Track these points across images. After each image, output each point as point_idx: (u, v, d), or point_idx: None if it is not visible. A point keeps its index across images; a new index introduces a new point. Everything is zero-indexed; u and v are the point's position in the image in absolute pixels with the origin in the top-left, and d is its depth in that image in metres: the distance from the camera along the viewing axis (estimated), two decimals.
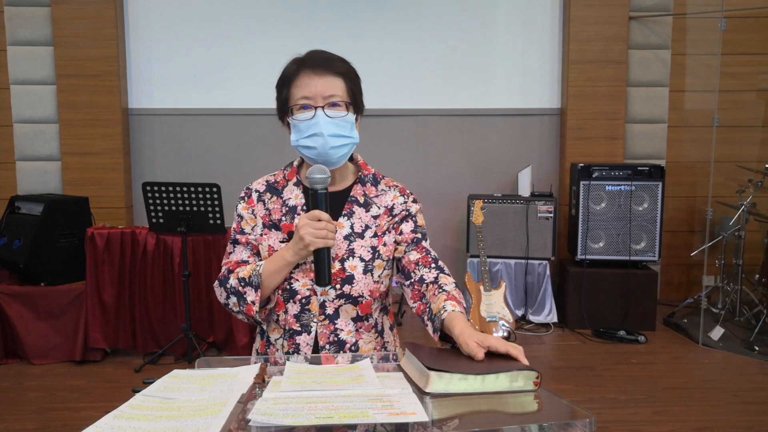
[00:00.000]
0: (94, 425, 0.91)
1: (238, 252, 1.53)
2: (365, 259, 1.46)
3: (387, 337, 1.57)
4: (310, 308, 1.46)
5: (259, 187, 1.56)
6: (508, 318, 3.93)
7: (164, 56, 4.80)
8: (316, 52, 1.49)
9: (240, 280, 1.45)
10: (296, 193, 1.52)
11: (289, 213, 1.50)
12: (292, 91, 1.46)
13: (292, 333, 1.47)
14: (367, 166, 1.58)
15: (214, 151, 4.87)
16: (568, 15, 4.68)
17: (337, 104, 1.43)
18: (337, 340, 1.46)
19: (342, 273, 1.44)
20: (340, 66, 1.46)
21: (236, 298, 1.45)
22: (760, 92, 4.87)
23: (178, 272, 3.67)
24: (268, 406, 0.97)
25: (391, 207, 1.53)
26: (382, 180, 1.57)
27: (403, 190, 1.57)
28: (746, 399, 3.16)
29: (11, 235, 3.82)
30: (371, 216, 1.50)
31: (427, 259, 1.50)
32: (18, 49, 4.57)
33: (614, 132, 4.72)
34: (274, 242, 1.49)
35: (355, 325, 1.48)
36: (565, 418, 1.01)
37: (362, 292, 1.46)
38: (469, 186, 4.85)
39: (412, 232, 1.52)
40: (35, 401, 3.19)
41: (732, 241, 4.31)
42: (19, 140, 4.65)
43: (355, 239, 1.47)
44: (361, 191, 1.53)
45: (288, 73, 1.48)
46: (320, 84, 1.42)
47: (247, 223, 1.53)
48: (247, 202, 1.55)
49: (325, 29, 4.75)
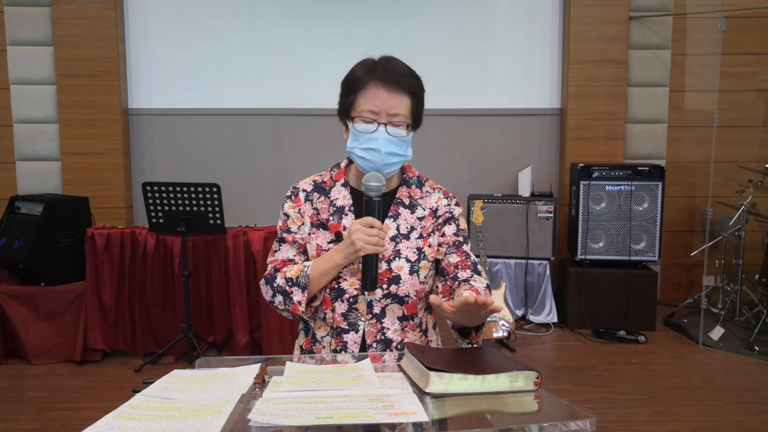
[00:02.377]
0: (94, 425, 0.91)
1: (285, 250, 1.55)
2: (411, 260, 1.49)
3: (431, 335, 1.60)
4: (358, 307, 1.49)
5: (306, 186, 1.58)
6: (508, 318, 3.93)
7: (164, 56, 4.80)
8: (388, 61, 1.47)
9: (287, 279, 1.47)
10: (344, 193, 1.54)
11: (336, 213, 1.52)
12: (359, 100, 1.45)
13: (340, 331, 1.50)
14: (411, 169, 1.61)
15: (214, 151, 4.87)
16: (568, 15, 4.68)
17: (399, 123, 1.45)
18: (384, 339, 1.50)
19: (389, 273, 1.47)
20: (410, 84, 1.46)
21: (282, 297, 1.48)
22: (760, 92, 4.87)
23: (178, 272, 3.67)
24: (268, 406, 0.97)
25: (436, 209, 1.56)
26: (426, 182, 1.60)
27: (446, 193, 1.61)
28: (746, 399, 3.16)
29: (11, 235, 3.82)
30: (416, 218, 1.54)
31: (466, 263, 1.52)
32: (18, 49, 4.57)
33: (614, 132, 4.72)
34: (323, 242, 1.51)
35: (401, 324, 1.51)
36: (565, 418, 1.01)
37: (408, 292, 1.49)
38: (469, 186, 4.84)
39: (455, 235, 1.55)
40: (35, 401, 3.19)
41: (732, 241, 4.31)
42: (19, 140, 4.65)
43: (401, 240, 1.50)
44: (406, 193, 1.56)
45: (358, 78, 1.46)
46: (388, 100, 1.43)
47: (294, 222, 1.55)
48: (294, 201, 1.57)
49: (325, 29, 4.76)
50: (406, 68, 1.48)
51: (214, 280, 3.75)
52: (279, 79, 4.79)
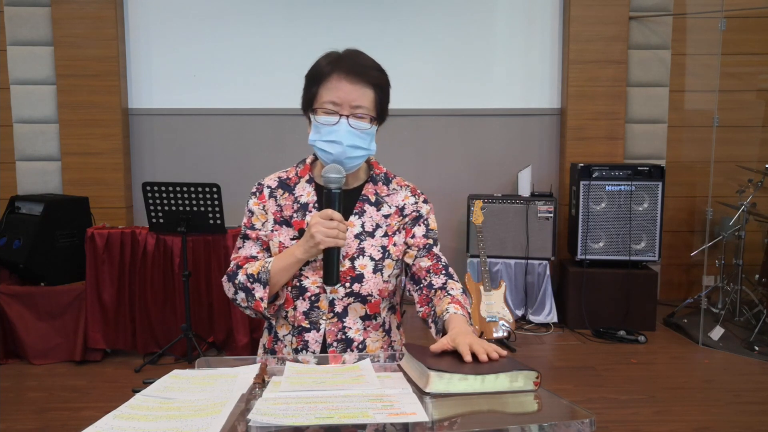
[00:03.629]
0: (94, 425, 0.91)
1: (248, 247, 1.53)
2: (375, 258, 1.47)
3: (394, 336, 1.57)
4: (320, 306, 1.46)
5: (271, 183, 1.55)
6: (508, 318, 3.93)
7: (164, 56, 4.80)
8: (354, 54, 1.46)
9: (249, 276, 1.45)
10: (308, 190, 1.52)
11: (300, 210, 1.49)
12: (321, 92, 1.43)
13: (301, 330, 1.48)
14: (379, 165, 1.58)
15: (214, 151, 4.87)
16: (568, 15, 4.68)
17: (362, 115, 1.42)
18: (345, 338, 1.47)
19: (352, 271, 1.45)
20: (374, 76, 1.44)
21: (244, 293, 1.45)
22: (760, 92, 4.87)
23: (178, 272, 3.67)
24: (268, 406, 0.97)
25: (402, 207, 1.53)
26: (393, 179, 1.57)
27: (414, 190, 1.57)
28: (746, 399, 3.16)
29: (11, 235, 3.82)
30: (382, 215, 1.51)
31: (437, 267, 1.50)
32: (18, 49, 4.57)
33: (614, 132, 4.72)
34: (285, 239, 1.49)
35: (363, 324, 1.49)
36: (565, 418, 1.01)
37: (371, 291, 1.47)
38: (469, 186, 4.85)
39: (425, 237, 1.52)
40: (35, 401, 3.19)
41: (732, 241, 4.31)
42: (19, 140, 4.65)
43: (365, 238, 1.47)
44: (372, 190, 1.53)
45: (320, 70, 1.44)
46: (351, 92, 1.40)
47: (258, 219, 1.53)
48: (258, 198, 1.54)
49: (325, 29, 4.75)
50: (371, 61, 1.46)
51: (214, 280, 3.74)
52: (279, 79, 4.78)
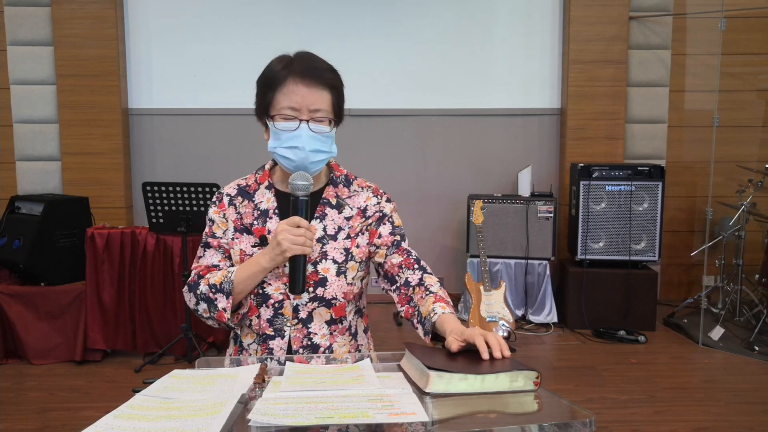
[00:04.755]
0: (94, 425, 0.91)
1: (209, 256, 1.50)
2: (338, 261, 1.45)
3: (361, 339, 1.55)
4: (284, 312, 1.44)
5: (230, 191, 1.53)
6: (508, 318, 3.92)
7: (164, 56, 4.80)
8: (305, 57, 1.45)
9: (211, 286, 1.42)
10: (268, 196, 1.50)
11: (261, 217, 1.48)
12: (278, 98, 1.41)
13: (266, 338, 1.46)
14: (339, 167, 1.56)
15: (214, 151, 4.87)
16: (568, 15, 4.68)
17: (321, 119, 1.41)
18: (311, 344, 1.45)
19: (315, 276, 1.43)
20: (329, 78, 1.42)
21: (207, 304, 1.43)
22: (760, 92, 4.87)
23: (178, 272, 3.67)
24: (268, 406, 0.97)
25: (364, 208, 1.51)
26: (354, 181, 1.55)
27: (376, 191, 1.55)
28: (746, 399, 3.16)
29: (11, 235, 3.82)
30: (344, 217, 1.49)
31: (409, 261, 1.49)
32: (18, 49, 4.57)
33: (614, 132, 4.72)
34: (246, 246, 1.46)
35: (329, 329, 1.47)
36: (565, 418, 1.01)
37: (335, 295, 1.45)
38: (469, 186, 4.85)
39: (391, 235, 1.51)
40: (35, 401, 3.19)
41: (732, 241, 4.31)
42: (19, 140, 4.65)
43: (327, 241, 1.46)
44: (333, 193, 1.51)
45: (274, 75, 1.43)
46: (308, 95, 1.39)
47: (219, 227, 1.51)
48: (218, 206, 1.52)
49: (325, 29, 4.75)
50: (324, 63, 1.45)
51: None
52: None
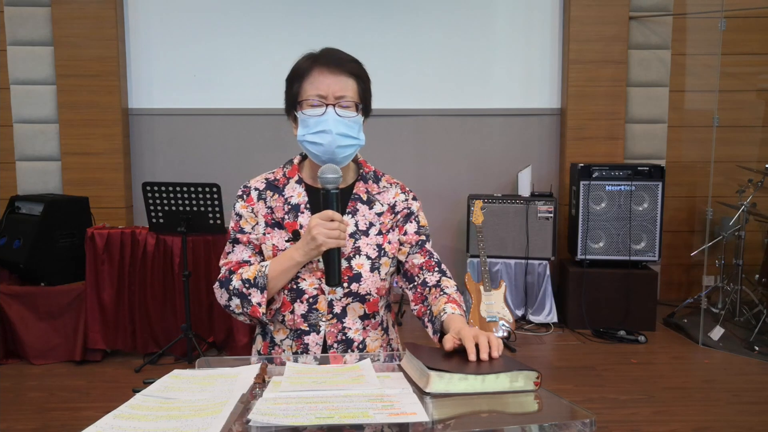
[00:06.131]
0: (94, 425, 0.91)
1: (239, 251, 1.51)
2: (371, 257, 1.46)
3: (391, 334, 1.58)
4: (318, 307, 1.45)
5: (258, 185, 1.54)
6: (508, 318, 3.93)
7: (164, 56, 4.80)
8: (331, 50, 1.49)
9: (244, 281, 1.43)
10: (299, 191, 1.50)
11: (291, 211, 1.48)
12: (305, 87, 1.44)
13: (300, 333, 1.47)
14: (367, 164, 1.58)
15: (214, 151, 4.87)
16: (568, 15, 4.68)
17: (348, 104, 1.43)
18: (345, 339, 1.47)
19: (349, 271, 1.44)
20: (354, 67, 1.46)
21: (240, 300, 1.43)
22: (760, 92, 4.87)
23: (178, 272, 3.67)
24: (268, 406, 0.97)
25: (393, 204, 1.53)
26: (382, 177, 1.57)
27: (403, 188, 1.57)
28: (746, 399, 3.16)
29: (11, 235, 3.82)
30: (375, 213, 1.50)
31: (430, 263, 1.50)
32: (18, 49, 4.57)
33: (614, 132, 4.72)
34: (279, 241, 1.47)
35: (362, 323, 1.49)
36: (565, 418, 1.01)
37: (370, 290, 1.46)
38: (469, 186, 4.85)
39: (416, 234, 1.52)
40: (35, 401, 3.19)
41: (732, 241, 4.31)
42: (19, 140, 4.65)
43: (360, 237, 1.47)
44: (363, 188, 1.52)
45: (301, 67, 1.47)
46: (334, 82, 1.42)
47: (247, 222, 1.51)
48: (246, 201, 1.52)
49: (325, 30, 4.75)
50: (349, 55, 1.48)
51: (214, 280, 3.72)
52: (279, 79, 4.72)
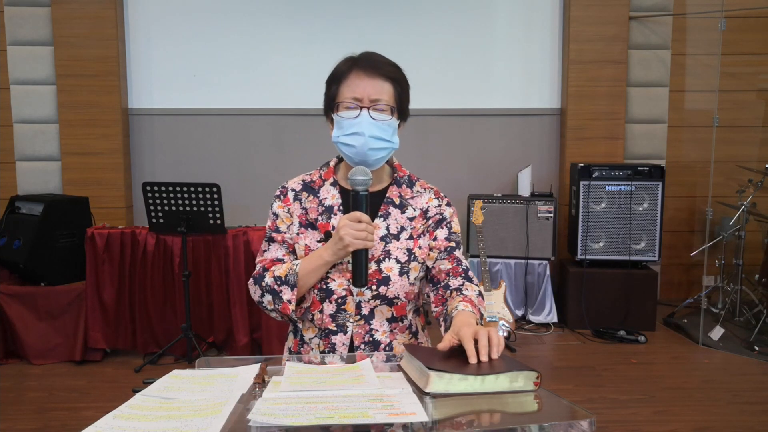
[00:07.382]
0: (94, 425, 0.91)
1: (273, 250, 1.54)
2: (401, 261, 1.47)
3: (421, 338, 1.58)
4: (346, 308, 1.47)
5: (295, 186, 1.57)
6: (508, 318, 3.93)
7: (164, 56, 4.80)
8: (370, 53, 1.50)
9: (276, 278, 1.45)
10: (333, 193, 1.52)
11: (325, 213, 1.50)
12: (342, 89, 1.46)
13: (328, 332, 1.48)
14: (402, 168, 1.59)
15: (214, 151, 4.87)
16: (568, 15, 4.68)
17: (382, 108, 1.44)
18: (372, 341, 1.48)
19: (378, 274, 1.46)
20: (391, 70, 1.47)
21: (271, 296, 1.46)
22: (760, 92, 4.87)
23: (178, 272, 3.67)
24: (268, 406, 0.97)
25: (426, 209, 1.54)
26: (417, 182, 1.59)
27: (437, 193, 1.58)
28: (746, 399, 3.16)
29: (11, 235, 3.82)
30: (407, 218, 1.52)
31: (457, 270, 1.50)
32: (18, 49, 4.57)
33: (614, 132, 4.72)
34: (311, 242, 1.50)
35: (389, 326, 1.50)
36: (565, 418, 1.01)
37: (398, 294, 1.47)
38: (469, 186, 4.85)
39: (447, 240, 1.53)
40: (35, 401, 3.19)
41: (732, 241, 4.31)
42: (19, 140, 4.65)
43: (391, 240, 1.48)
44: (396, 193, 1.54)
45: (339, 70, 1.48)
46: (369, 86, 1.44)
47: (283, 222, 1.54)
48: (283, 201, 1.55)
49: (325, 29, 4.76)
50: (387, 59, 1.50)
51: (214, 280, 3.74)
52: (279, 79, 4.79)
